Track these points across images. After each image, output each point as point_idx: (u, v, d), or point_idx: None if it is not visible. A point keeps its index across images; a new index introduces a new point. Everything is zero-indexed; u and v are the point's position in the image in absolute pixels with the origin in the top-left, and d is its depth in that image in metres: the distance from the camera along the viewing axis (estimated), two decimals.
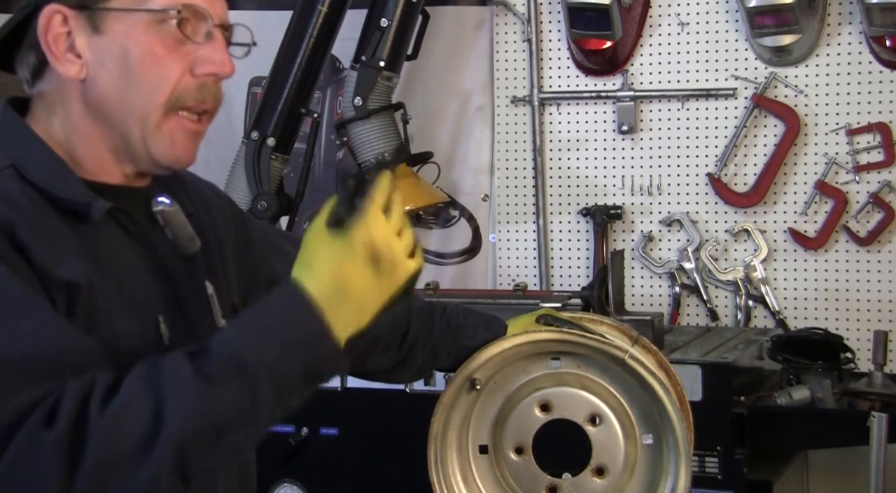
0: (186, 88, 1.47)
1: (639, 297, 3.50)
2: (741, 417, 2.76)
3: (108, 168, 1.50)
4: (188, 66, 1.47)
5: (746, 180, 3.40)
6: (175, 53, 1.46)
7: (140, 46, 1.45)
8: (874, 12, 3.12)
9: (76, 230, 1.42)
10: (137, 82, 1.45)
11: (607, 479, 1.82)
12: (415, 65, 3.57)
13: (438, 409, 1.84)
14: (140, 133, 1.47)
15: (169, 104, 1.46)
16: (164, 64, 1.45)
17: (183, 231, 1.55)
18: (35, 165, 1.44)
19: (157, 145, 1.48)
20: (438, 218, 3.73)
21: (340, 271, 1.40)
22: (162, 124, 1.47)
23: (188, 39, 1.47)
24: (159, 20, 1.45)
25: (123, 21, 1.45)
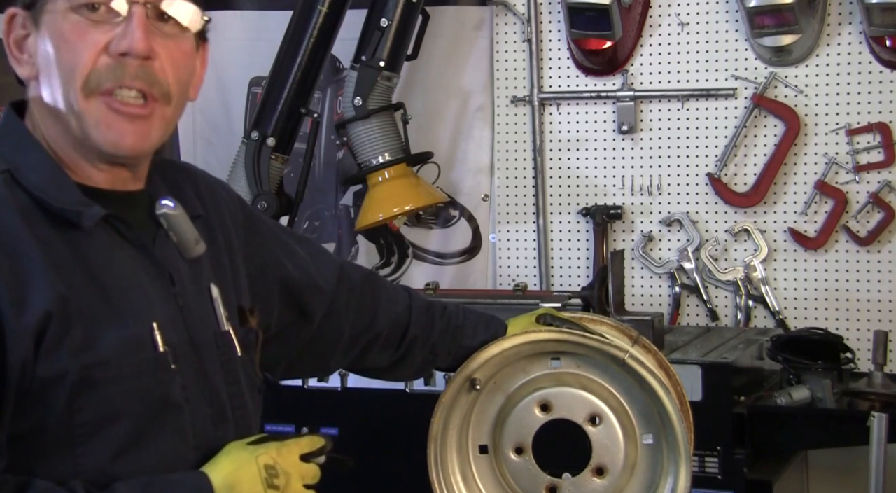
0: (101, 69, 1.43)
1: (639, 297, 3.50)
2: (741, 417, 2.76)
3: (85, 168, 1.49)
4: (103, 47, 1.44)
5: (746, 180, 3.40)
6: (86, 37, 1.43)
7: (57, 35, 1.44)
8: (874, 12, 3.11)
9: (67, 239, 1.41)
10: (57, 70, 1.44)
11: (607, 479, 1.82)
12: (415, 65, 3.57)
13: (438, 409, 1.84)
14: (76, 123, 1.45)
15: (87, 88, 1.43)
16: (75, 48, 1.43)
17: (187, 234, 1.54)
18: (32, 170, 1.44)
19: (91, 132, 1.45)
20: (438, 218, 3.73)
21: (236, 472, 1.47)
22: (88, 109, 1.44)
23: (102, 22, 1.44)
24: (73, 6, 1.44)
25: (49, 12, 1.45)
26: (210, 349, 1.55)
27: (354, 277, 1.91)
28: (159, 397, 1.45)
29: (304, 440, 1.56)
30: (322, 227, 3.81)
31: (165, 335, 1.46)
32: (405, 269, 3.75)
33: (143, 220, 1.53)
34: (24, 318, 1.34)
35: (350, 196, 3.77)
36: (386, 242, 3.77)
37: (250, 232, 1.74)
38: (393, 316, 1.92)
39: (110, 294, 1.43)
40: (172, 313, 1.50)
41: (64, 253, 1.40)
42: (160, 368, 1.45)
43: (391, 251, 3.76)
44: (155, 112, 1.47)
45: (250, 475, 1.47)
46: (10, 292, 1.34)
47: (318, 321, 1.83)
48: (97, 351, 1.39)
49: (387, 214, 3.43)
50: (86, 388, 1.38)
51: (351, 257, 3.77)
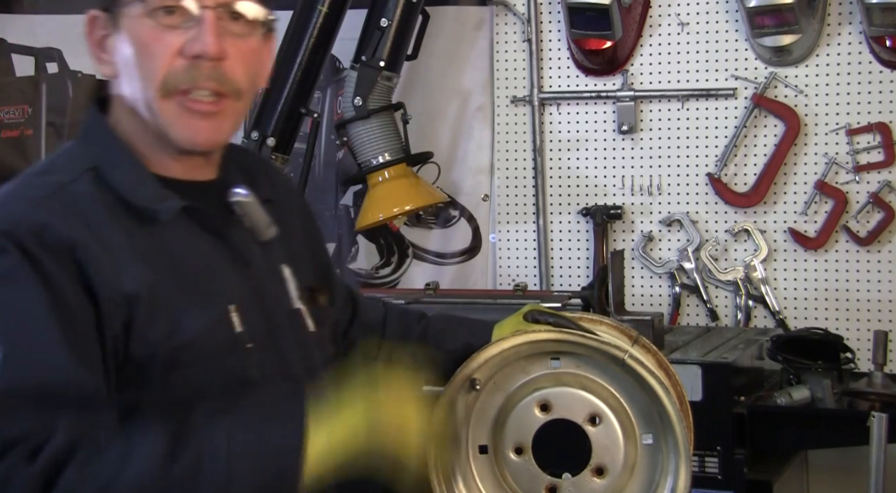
0: (175, 72, 1.52)
1: (639, 297, 3.50)
2: (741, 417, 2.76)
3: (163, 160, 1.58)
4: (178, 50, 1.52)
5: (746, 180, 3.40)
6: (162, 40, 1.52)
7: (135, 38, 1.53)
8: (874, 12, 3.12)
9: (147, 231, 1.52)
10: (137, 73, 1.53)
11: (607, 479, 1.82)
12: (415, 65, 3.57)
13: (438, 409, 1.84)
14: (154, 121, 1.55)
15: (163, 89, 1.52)
16: (152, 52, 1.52)
17: (259, 219, 1.64)
18: (115, 167, 1.54)
19: (169, 130, 1.54)
20: (438, 218, 3.73)
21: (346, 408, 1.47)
22: (165, 108, 1.53)
23: (176, 25, 1.52)
24: (149, 10, 1.52)
25: (127, 16, 1.53)
26: (284, 327, 1.64)
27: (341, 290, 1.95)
28: (239, 374, 1.54)
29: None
30: (322, 227, 3.80)
31: (242, 316, 1.55)
32: (405, 269, 3.75)
33: (218, 207, 1.62)
34: (114, 298, 1.44)
35: (350, 196, 3.77)
36: (386, 243, 3.77)
37: (308, 220, 1.85)
38: (366, 324, 1.94)
39: (189, 281, 1.52)
40: (248, 295, 1.59)
41: (146, 244, 1.50)
42: (238, 347, 1.55)
43: (391, 251, 3.76)
44: (226, 108, 1.56)
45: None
46: (101, 274, 1.44)
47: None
48: (181, 334, 1.49)
49: (387, 214, 3.43)
50: (174, 368, 1.49)
51: (351, 256, 3.78)
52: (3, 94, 3.61)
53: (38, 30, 3.62)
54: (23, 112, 3.61)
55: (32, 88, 3.61)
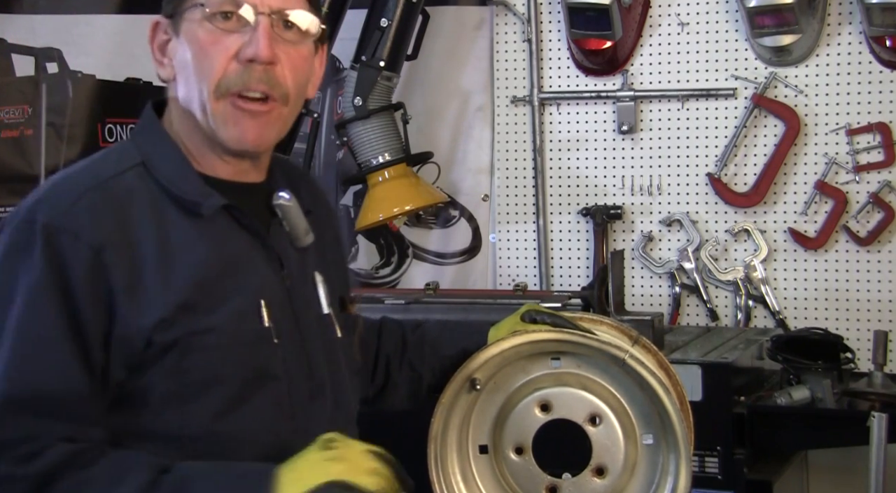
0: (231, 74, 1.59)
1: (639, 297, 3.50)
2: (741, 417, 2.76)
3: (212, 161, 1.65)
4: (234, 54, 1.60)
5: (746, 180, 3.40)
6: (219, 44, 1.59)
7: (192, 42, 1.61)
8: (874, 12, 3.12)
9: (193, 222, 1.59)
10: (194, 74, 1.61)
11: (607, 479, 1.82)
12: (415, 65, 3.57)
13: (438, 409, 1.84)
14: (205, 121, 1.61)
15: (218, 91, 1.59)
16: (209, 54, 1.59)
17: (299, 224, 1.70)
18: (162, 162, 1.62)
19: (219, 130, 1.61)
20: (438, 218, 3.73)
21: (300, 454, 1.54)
22: (217, 110, 1.60)
23: (233, 30, 1.59)
24: (208, 15, 1.59)
25: (188, 22, 1.61)
26: (312, 329, 1.69)
27: None
28: (259, 366, 1.59)
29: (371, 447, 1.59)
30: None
31: (272, 312, 1.61)
32: (405, 269, 3.75)
33: (261, 209, 1.69)
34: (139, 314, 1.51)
35: (350, 196, 3.77)
36: (386, 242, 3.77)
37: (338, 235, 1.92)
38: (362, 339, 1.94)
39: (225, 271, 1.58)
40: (280, 294, 1.64)
41: (186, 234, 1.57)
42: (263, 340, 1.60)
43: (391, 251, 3.76)
44: (274, 111, 1.63)
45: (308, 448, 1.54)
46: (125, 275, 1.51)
47: None
48: (208, 319, 1.54)
49: (387, 214, 3.43)
50: (192, 351, 1.53)
51: (351, 257, 3.78)
52: (3, 94, 3.61)
53: (38, 30, 3.62)
54: (23, 112, 3.60)
55: (32, 88, 3.61)
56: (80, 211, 1.52)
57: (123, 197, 1.56)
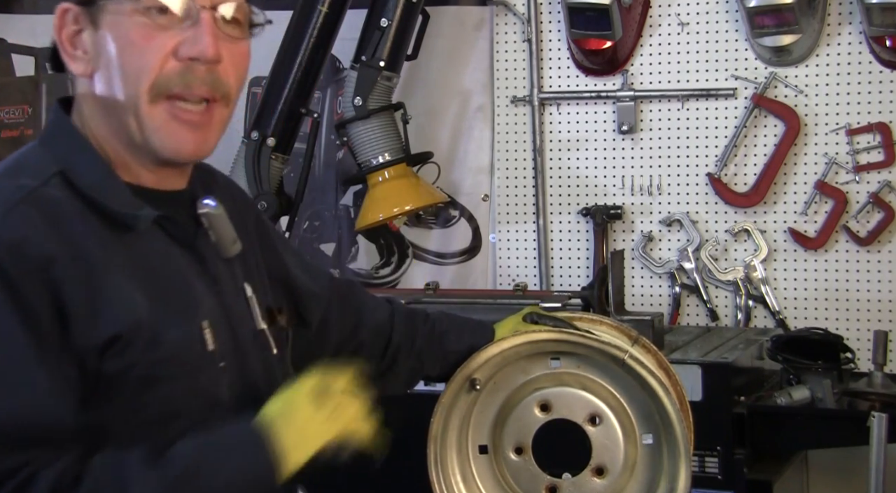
0: (169, 74, 1.45)
1: (639, 297, 3.50)
2: (741, 417, 2.76)
3: (135, 168, 1.50)
4: (171, 51, 1.45)
5: (746, 180, 3.40)
6: (155, 40, 1.44)
7: (122, 36, 1.44)
8: (874, 12, 3.11)
9: (123, 240, 1.44)
10: (122, 71, 1.45)
11: (607, 479, 1.82)
12: (415, 65, 3.57)
13: (438, 409, 1.84)
14: (136, 124, 1.46)
15: (153, 91, 1.45)
16: (143, 51, 1.44)
17: (226, 234, 1.57)
18: (84, 170, 1.45)
19: (153, 136, 1.46)
20: (438, 218, 3.73)
21: (286, 399, 1.48)
22: (152, 114, 1.46)
23: (170, 26, 1.45)
24: (141, 9, 1.44)
25: (112, 13, 1.45)
26: (249, 348, 1.57)
27: (341, 285, 1.92)
28: (212, 395, 1.48)
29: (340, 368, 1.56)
30: (322, 227, 3.81)
31: (214, 334, 1.48)
32: (405, 269, 3.75)
33: (185, 218, 1.54)
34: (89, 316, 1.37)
35: (350, 196, 3.77)
36: (386, 242, 3.77)
37: (262, 234, 1.75)
38: (375, 324, 1.90)
39: (166, 294, 1.45)
40: (218, 312, 1.51)
41: (122, 254, 1.42)
42: (211, 366, 1.48)
43: (391, 251, 3.76)
44: (214, 116, 1.50)
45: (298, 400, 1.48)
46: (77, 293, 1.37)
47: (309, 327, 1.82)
48: (160, 349, 1.41)
49: (387, 214, 3.43)
50: (148, 386, 1.41)
51: (351, 256, 3.78)
52: (3, 94, 3.60)
53: (38, 30, 3.62)
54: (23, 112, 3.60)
55: (32, 88, 3.60)
56: (17, 224, 1.36)
57: (55, 210, 1.39)
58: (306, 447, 1.47)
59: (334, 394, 1.51)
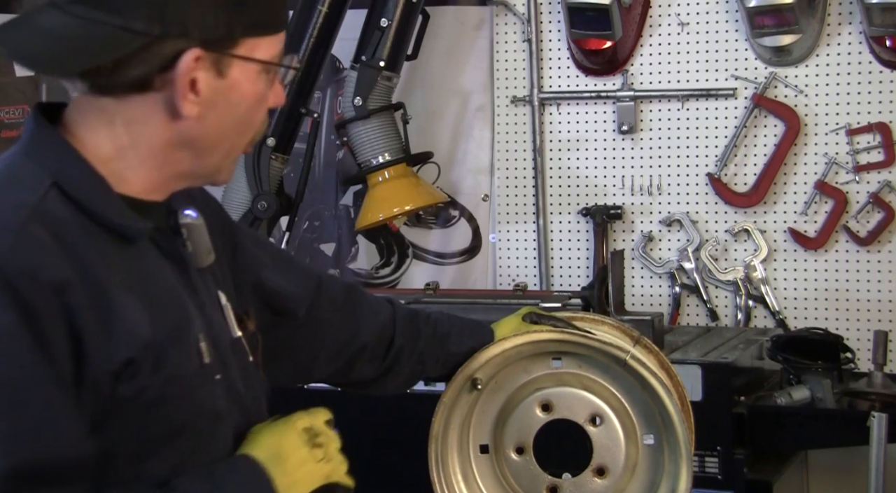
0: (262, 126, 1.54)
1: (639, 297, 3.50)
2: (741, 417, 2.76)
3: (155, 187, 1.48)
4: None
5: (746, 180, 3.40)
6: (267, 94, 1.51)
7: (251, 93, 1.47)
8: (874, 12, 3.12)
9: (122, 255, 1.41)
10: (241, 124, 1.49)
11: (608, 479, 1.82)
12: (415, 65, 3.57)
13: (439, 409, 1.84)
14: (219, 163, 1.51)
15: (253, 140, 1.53)
16: (262, 107, 1.51)
17: (202, 243, 1.55)
18: (76, 181, 1.41)
19: (225, 172, 1.53)
20: (438, 218, 3.73)
21: (279, 441, 1.50)
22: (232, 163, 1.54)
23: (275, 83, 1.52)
24: (267, 70, 1.48)
25: (242, 68, 1.45)
26: (230, 357, 1.56)
27: (334, 288, 1.89)
28: (211, 409, 1.48)
29: (321, 409, 1.60)
30: (322, 227, 3.81)
31: (207, 347, 1.48)
32: (405, 269, 3.75)
33: (164, 229, 1.52)
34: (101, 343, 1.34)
35: (350, 196, 3.77)
36: (386, 242, 3.77)
37: (229, 237, 1.73)
38: (377, 327, 1.90)
39: (165, 309, 1.43)
40: (205, 324, 1.50)
41: (124, 269, 1.40)
42: (208, 380, 1.48)
43: (391, 251, 3.76)
44: None
45: (293, 441, 1.51)
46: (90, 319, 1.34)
47: (297, 329, 1.81)
48: (165, 368, 1.40)
49: (387, 214, 3.43)
50: (157, 405, 1.40)
51: (351, 257, 3.78)
52: (3, 94, 3.61)
53: None
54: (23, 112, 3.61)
55: (32, 88, 3.61)
56: (27, 247, 1.32)
57: (58, 225, 1.35)
58: (299, 489, 1.49)
59: (325, 436, 1.54)
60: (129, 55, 1.38)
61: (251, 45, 1.44)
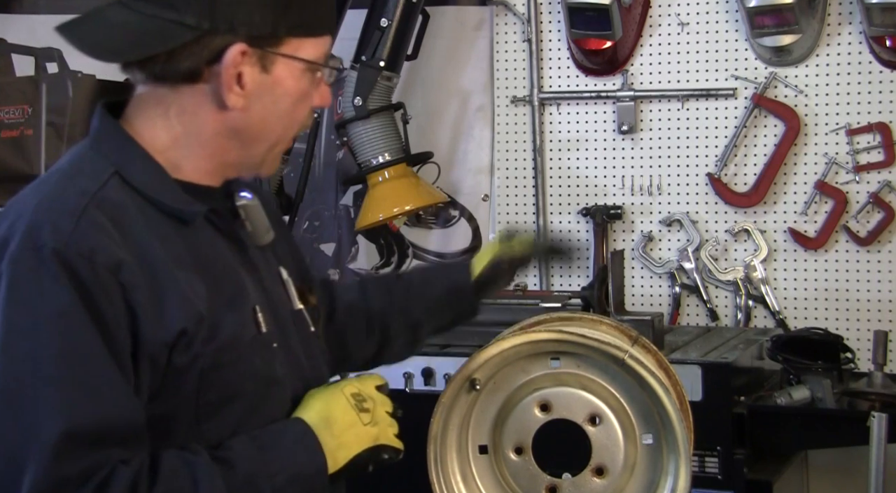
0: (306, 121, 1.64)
1: (639, 297, 3.50)
2: (741, 417, 2.76)
3: (208, 174, 1.60)
4: None
5: (746, 180, 3.40)
6: (311, 94, 1.60)
7: (295, 90, 1.57)
8: (874, 12, 3.12)
9: (180, 234, 1.53)
10: (284, 118, 1.59)
11: (607, 479, 1.82)
12: (415, 65, 3.57)
13: (438, 409, 1.84)
14: (263, 155, 1.61)
15: (297, 135, 1.65)
16: (305, 104, 1.61)
17: (261, 224, 1.67)
18: (136, 169, 1.54)
19: (270, 165, 1.64)
20: (438, 218, 3.73)
21: (327, 406, 1.61)
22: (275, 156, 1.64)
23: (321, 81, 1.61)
24: (311, 69, 1.58)
25: (286, 65, 1.56)
26: (290, 328, 1.67)
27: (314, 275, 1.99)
28: (268, 375, 1.58)
29: (374, 375, 1.70)
30: (322, 227, 3.81)
31: (265, 317, 1.59)
32: (405, 269, 3.75)
33: (224, 211, 1.64)
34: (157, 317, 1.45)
35: (350, 196, 3.77)
36: (386, 242, 3.77)
37: (281, 222, 1.85)
38: (347, 304, 1.98)
39: (220, 283, 1.54)
40: (263, 297, 1.62)
41: (181, 248, 1.52)
42: (266, 347, 1.58)
43: (391, 251, 3.76)
44: None
45: (341, 406, 1.60)
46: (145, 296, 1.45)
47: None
48: (220, 337, 1.51)
49: (387, 214, 3.43)
50: (212, 371, 1.51)
51: (351, 256, 3.78)
52: (3, 94, 3.61)
53: (38, 30, 3.62)
54: (23, 112, 3.61)
55: (32, 88, 3.61)
56: (86, 231, 1.44)
57: (118, 211, 1.49)
58: (347, 451, 1.59)
59: (373, 401, 1.63)
60: (180, 47, 1.50)
61: (296, 44, 1.55)
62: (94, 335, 1.41)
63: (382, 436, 1.63)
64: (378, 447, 1.63)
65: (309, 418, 1.58)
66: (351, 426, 1.60)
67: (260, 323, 1.58)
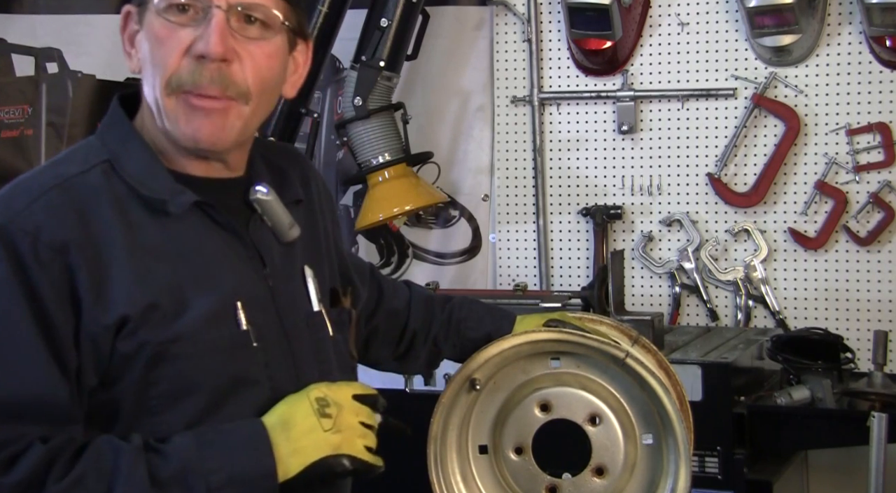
0: (182, 71, 1.50)
1: (639, 297, 3.50)
2: (741, 417, 2.76)
3: (179, 159, 1.56)
4: (186, 48, 1.51)
5: (746, 180, 3.40)
6: (173, 38, 1.51)
7: (150, 34, 1.53)
8: (874, 12, 3.11)
9: (160, 223, 1.51)
10: (150, 68, 1.53)
11: (607, 479, 1.82)
12: (415, 65, 3.57)
13: (438, 409, 1.84)
14: (159, 118, 1.53)
15: (169, 87, 1.51)
16: (162, 47, 1.51)
17: (281, 218, 1.62)
18: (129, 159, 1.53)
19: (172, 127, 1.53)
20: (438, 218, 3.73)
21: (289, 409, 1.52)
22: (169, 106, 1.52)
23: (188, 24, 1.51)
24: (164, 7, 1.51)
25: (149, 13, 1.53)
26: (300, 329, 1.62)
27: (364, 268, 1.96)
28: (235, 373, 1.52)
29: (356, 383, 1.63)
30: None
31: (250, 314, 1.53)
32: (405, 269, 3.75)
33: (239, 205, 1.61)
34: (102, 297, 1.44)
35: (350, 196, 3.77)
36: (386, 242, 3.77)
37: (334, 219, 1.83)
38: (391, 309, 1.95)
39: (197, 274, 1.51)
40: (261, 294, 1.57)
41: (154, 236, 1.50)
42: (239, 345, 1.53)
43: (391, 251, 3.76)
44: (231, 109, 1.53)
45: (303, 410, 1.52)
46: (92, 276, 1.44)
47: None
48: (176, 327, 1.47)
49: (387, 214, 3.43)
50: (161, 361, 1.47)
51: None
52: (3, 94, 3.61)
53: (38, 30, 3.62)
54: (23, 112, 3.61)
55: (32, 88, 3.61)
56: (37, 211, 1.45)
57: (87, 196, 1.48)
58: (304, 457, 1.50)
59: (339, 407, 1.55)
60: None
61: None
62: (23, 311, 1.41)
63: (346, 445, 1.53)
64: (338, 457, 1.52)
65: (267, 420, 1.51)
66: (309, 432, 1.51)
67: (239, 319, 1.52)
